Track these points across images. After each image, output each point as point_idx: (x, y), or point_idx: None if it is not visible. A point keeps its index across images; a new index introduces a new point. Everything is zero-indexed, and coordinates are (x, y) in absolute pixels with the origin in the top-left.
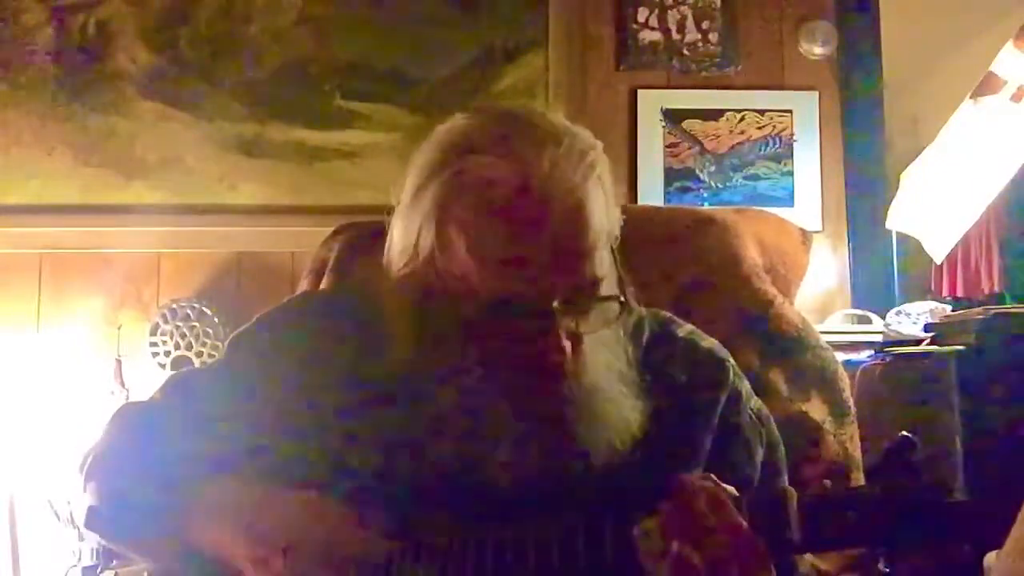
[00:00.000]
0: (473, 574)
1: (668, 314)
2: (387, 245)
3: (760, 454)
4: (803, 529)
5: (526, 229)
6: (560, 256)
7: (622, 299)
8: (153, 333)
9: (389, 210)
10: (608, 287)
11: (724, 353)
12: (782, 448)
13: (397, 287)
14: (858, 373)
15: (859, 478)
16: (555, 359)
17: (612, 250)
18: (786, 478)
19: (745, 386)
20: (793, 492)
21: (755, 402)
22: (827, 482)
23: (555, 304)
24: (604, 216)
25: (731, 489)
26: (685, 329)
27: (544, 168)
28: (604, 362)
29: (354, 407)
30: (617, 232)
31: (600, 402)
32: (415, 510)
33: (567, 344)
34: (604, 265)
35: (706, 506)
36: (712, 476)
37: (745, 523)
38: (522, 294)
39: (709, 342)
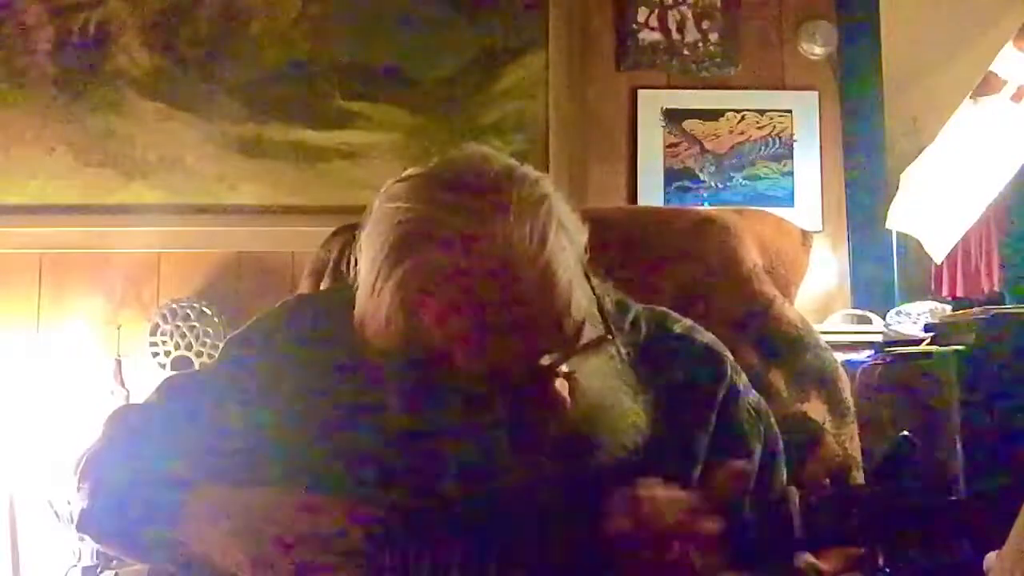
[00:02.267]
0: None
1: (665, 310)
2: (356, 318)
3: (759, 448)
4: (805, 528)
5: (497, 308)
6: (536, 321)
7: (609, 335)
8: (153, 333)
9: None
10: (591, 323)
11: (721, 348)
12: (781, 442)
13: (378, 350)
14: (858, 373)
15: (859, 477)
16: (555, 414)
17: (586, 274)
18: (785, 472)
19: (743, 381)
20: (795, 491)
21: (753, 396)
22: (826, 481)
23: (543, 362)
24: (572, 259)
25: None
26: (682, 325)
27: (500, 244)
28: (599, 372)
29: (351, 411)
30: (584, 245)
31: (605, 416)
32: (417, 512)
33: (563, 390)
34: (582, 307)
35: (661, 508)
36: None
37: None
38: (507, 364)
39: (706, 337)
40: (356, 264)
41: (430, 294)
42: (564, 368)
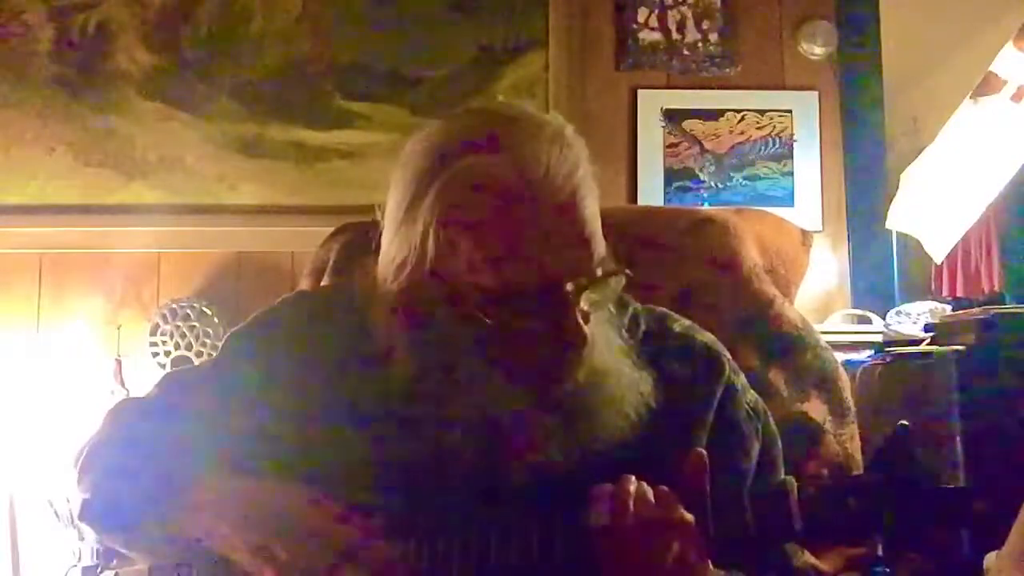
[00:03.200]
0: (472, 562)
1: (663, 310)
2: (381, 257)
3: (756, 448)
4: (804, 518)
5: (530, 222)
6: (563, 242)
7: (627, 271)
8: (153, 333)
9: (375, 221)
10: (607, 264)
11: (720, 348)
12: (779, 442)
13: (396, 299)
14: (858, 373)
15: None
16: (576, 339)
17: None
18: (782, 471)
19: (741, 380)
20: (793, 482)
21: (751, 396)
22: (824, 471)
23: (568, 287)
24: (596, 202)
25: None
26: (681, 324)
27: (539, 158)
28: (606, 339)
29: (352, 403)
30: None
31: (612, 380)
32: (421, 501)
33: (583, 323)
34: (602, 245)
35: (651, 505)
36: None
37: (690, 520)
38: (534, 282)
39: (705, 336)
40: (379, 233)
41: (472, 197)
42: (584, 305)
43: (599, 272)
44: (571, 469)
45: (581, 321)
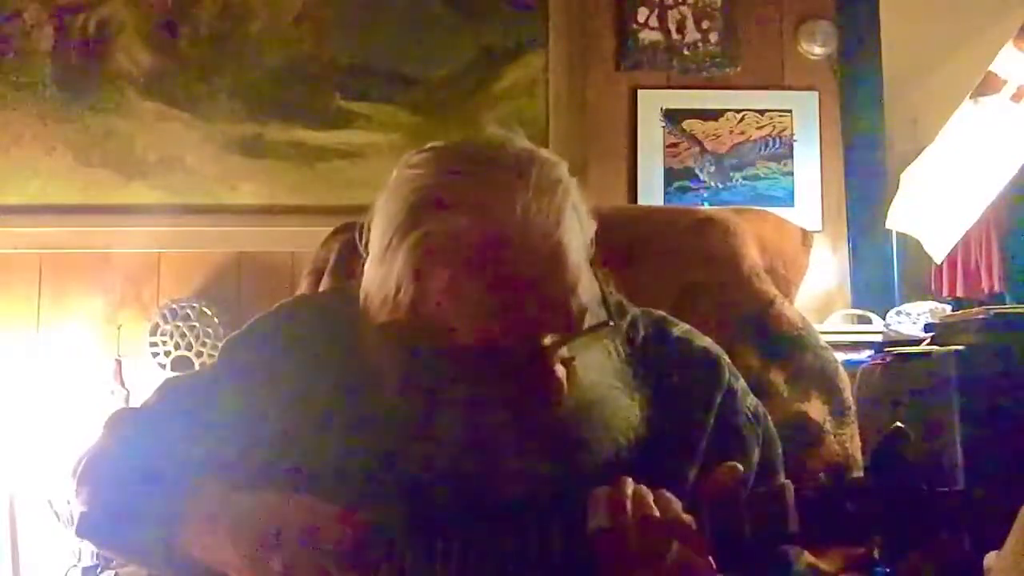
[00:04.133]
0: (468, 566)
1: (663, 314)
2: (363, 292)
3: (757, 452)
4: (801, 521)
5: (507, 280)
6: (544, 298)
7: (610, 322)
8: (153, 333)
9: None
10: (593, 310)
11: (719, 352)
12: (779, 445)
13: (385, 327)
14: (858, 373)
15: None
16: (553, 396)
17: (591, 264)
18: (783, 475)
19: (741, 384)
20: (791, 485)
21: (751, 400)
22: (823, 475)
23: (545, 342)
24: (581, 245)
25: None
26: (680, 328)
27: (517, 216)
28: (597, 366)
29: (349, 412)
30: (591, 236)
31: (599, 410)
32: (412, 511)
33: (562, 374)
34: (587, 292)
35: (653, 510)
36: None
37: (690, 523)
38: (510, 340)
39: (704, 341)
40: (365, 241)
41: (442, 259)
42: (565, 352)
43: (582, 323)
44: (560, 490)
45: (559, 375)
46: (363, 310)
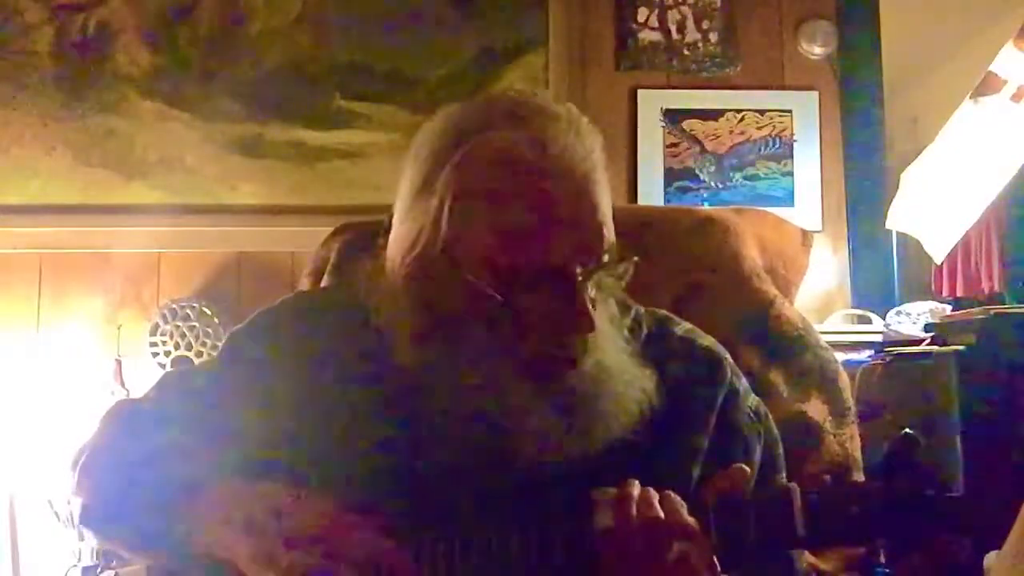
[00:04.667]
0: (475, 565)
1: (665, 313)
2: (391, 241)
3: (758, 451)
4: (807, 524)
5: (546, 199)
6: (577, 224)
7: (636, 258)
8: (153, 333)
9: (390, 216)
10: (616, 251)
11: (721, 351)
12: (780, 445)
13: (404, 280)
14: (858, 373)
15: (859, 478)
16: (583, 322)
17: None
18: (784, 475)
19: (743, 384)
20: (796, 488)
21: (752, 399)
22: (827, 477)
23: (578, 270)
24: (608, 190)
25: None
26: (683, 328)
27: (558, 139)
28: (610, 336)
29: (354, 404)
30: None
31: (615, 375)
32: (423, 502)
33: (591, 307)
34: (612, 232)
35: (658, 510)
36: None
37: (695, 525)
38: (545, 262)
39: (706, 340)
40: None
41: (485, 176)
42: (592, 291)
43: (608, 259)
44: (572, 464)
45: (589, 305)
46: (388, 267)
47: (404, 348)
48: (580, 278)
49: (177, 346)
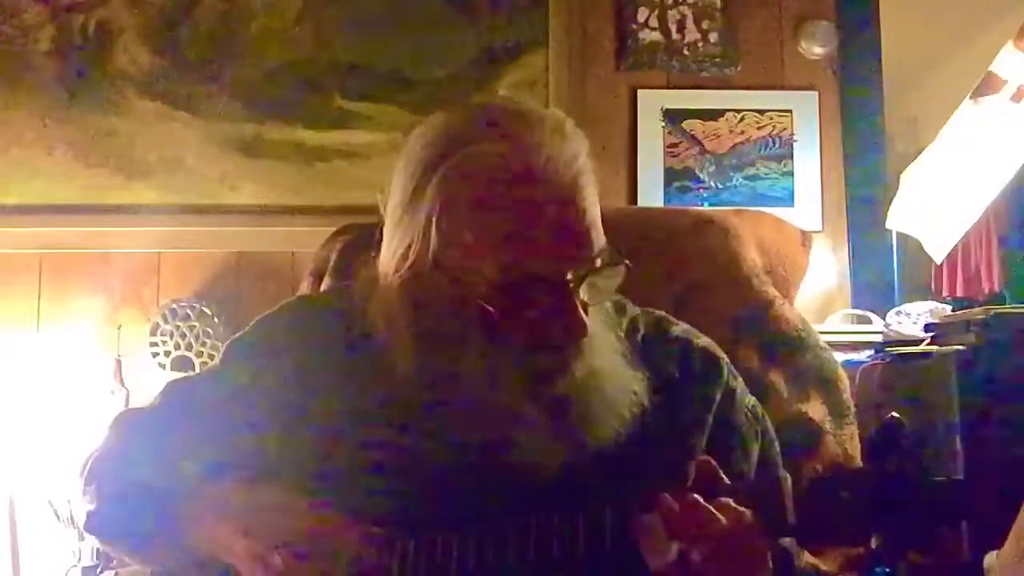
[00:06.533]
0: (469, 569)
1: (662, 313)
2: (383, 252)
3: (756, 450)
4: (798, 512)
5: (532, 209)
6: (564, 230)
7: (627, 263)
8: (153, 333)
9: (381, 227)
10: (607, 254)
11: (718, 351)
12: (777, 444)
13: (398, 290)
14: (858, 373)
15: None
16: (576, 328)
17: None
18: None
19: (739, 383)
20: (787, 476)
21: (750, 399)
22: (818, 467)
23: (568, 276)
24: (596, 193)
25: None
26: (680, 328)
27: (542, 148)
28: (604, 339)
29: (355, 409)
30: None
31: (608, 381)
32: (420, 507)
33: (583, 311)
34: (601, 236)
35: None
36: (710, 461)
37: (748, 515)
38: (535, 270)
39: (703, 341)
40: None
41: (471, 185)
42: (584, 296)
43: (599, 263)
44: (566, 467)
45: (581, 311)
46: (382, 277)
47: (401, 357)
48: (571, 284)
49: (177, 346)
